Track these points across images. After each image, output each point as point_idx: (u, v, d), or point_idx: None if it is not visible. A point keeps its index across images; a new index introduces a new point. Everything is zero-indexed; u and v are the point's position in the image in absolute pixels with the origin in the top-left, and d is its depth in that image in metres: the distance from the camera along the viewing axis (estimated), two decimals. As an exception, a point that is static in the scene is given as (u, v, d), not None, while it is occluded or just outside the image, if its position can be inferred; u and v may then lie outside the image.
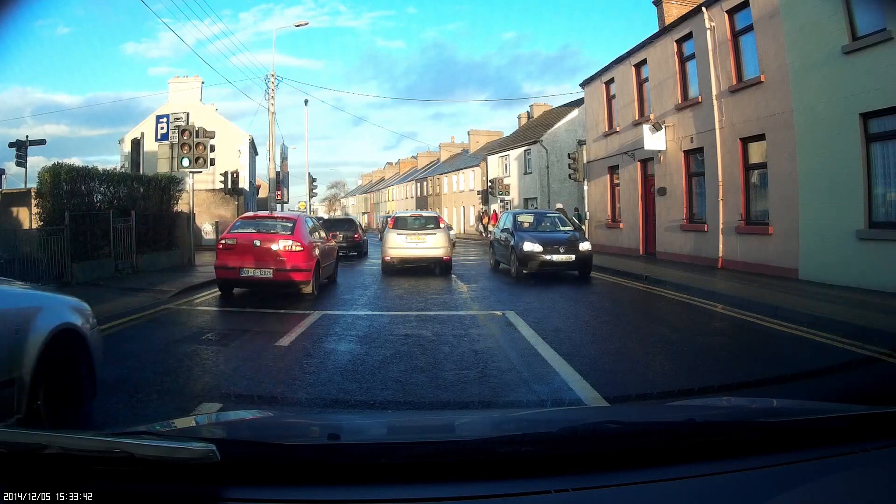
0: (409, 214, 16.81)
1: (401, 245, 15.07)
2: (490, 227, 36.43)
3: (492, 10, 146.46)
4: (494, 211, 35.85)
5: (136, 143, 22.42)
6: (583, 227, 16.80)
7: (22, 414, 2.84)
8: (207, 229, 23.97)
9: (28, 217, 14.10)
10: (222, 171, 24.70)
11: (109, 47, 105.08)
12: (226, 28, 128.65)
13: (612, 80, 21.14)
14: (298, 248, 10.38)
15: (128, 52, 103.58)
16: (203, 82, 31.62)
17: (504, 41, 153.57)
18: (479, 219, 37.68)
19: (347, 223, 22.74)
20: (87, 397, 3.54)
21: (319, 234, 12.45)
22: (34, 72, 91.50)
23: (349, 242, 20.13)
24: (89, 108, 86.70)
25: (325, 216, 56.73)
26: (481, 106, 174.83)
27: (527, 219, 16.01)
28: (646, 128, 16.92)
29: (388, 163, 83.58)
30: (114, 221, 13.11)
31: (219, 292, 10.99)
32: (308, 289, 10.45)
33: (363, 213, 76.71)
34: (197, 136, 15.41)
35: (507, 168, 38.47)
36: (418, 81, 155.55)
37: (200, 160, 15.35)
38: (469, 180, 46.73)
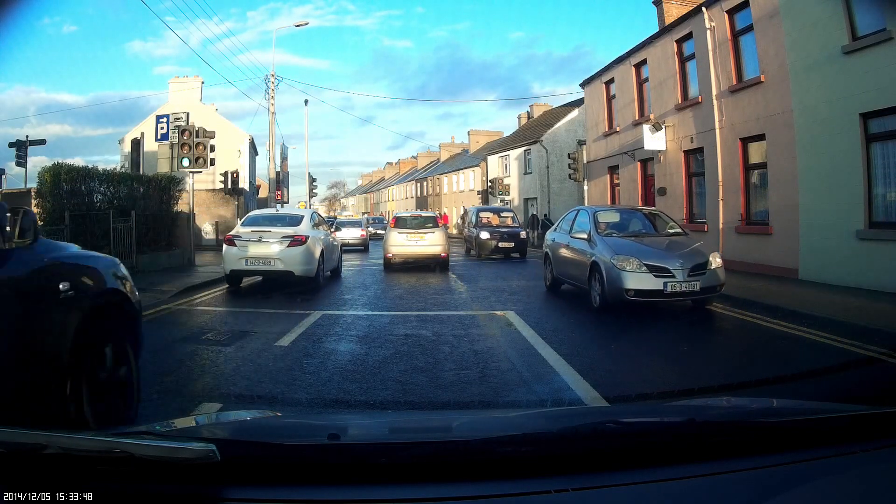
0: (408, 214, 17.55)
1: (402, 243, 15.71)
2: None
3: (497, 10, 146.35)
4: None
5: (136, 143, 22.43)
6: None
7: None
8: (207, 229, 23.99)
9: (28, 217, 14.08)
10: (222, 171, 24.69)
11: (115, 46, 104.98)
12: (232, 27, 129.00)
13: (612, 80, 21.13)
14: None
15: (133, 50, 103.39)
16: (203, 82, 31.64)
17: (513, 41, 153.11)
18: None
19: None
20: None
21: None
22: (38, 71, 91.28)
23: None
24: (93, 107, 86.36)
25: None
26: (490, 106, 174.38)
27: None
28: (646, 128, 16.91)
29: (389, 163, 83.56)
30: (114, 221, 13.11)
31: (219, 292, 10.99)
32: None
33: (363, 213, 76.78)
34: (197, 136, 15.40)
35: (507, 168, 38.41)
36: (428, 81, 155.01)
37: (200, 160, 15.35)
38: (469, 180, 46.67)
